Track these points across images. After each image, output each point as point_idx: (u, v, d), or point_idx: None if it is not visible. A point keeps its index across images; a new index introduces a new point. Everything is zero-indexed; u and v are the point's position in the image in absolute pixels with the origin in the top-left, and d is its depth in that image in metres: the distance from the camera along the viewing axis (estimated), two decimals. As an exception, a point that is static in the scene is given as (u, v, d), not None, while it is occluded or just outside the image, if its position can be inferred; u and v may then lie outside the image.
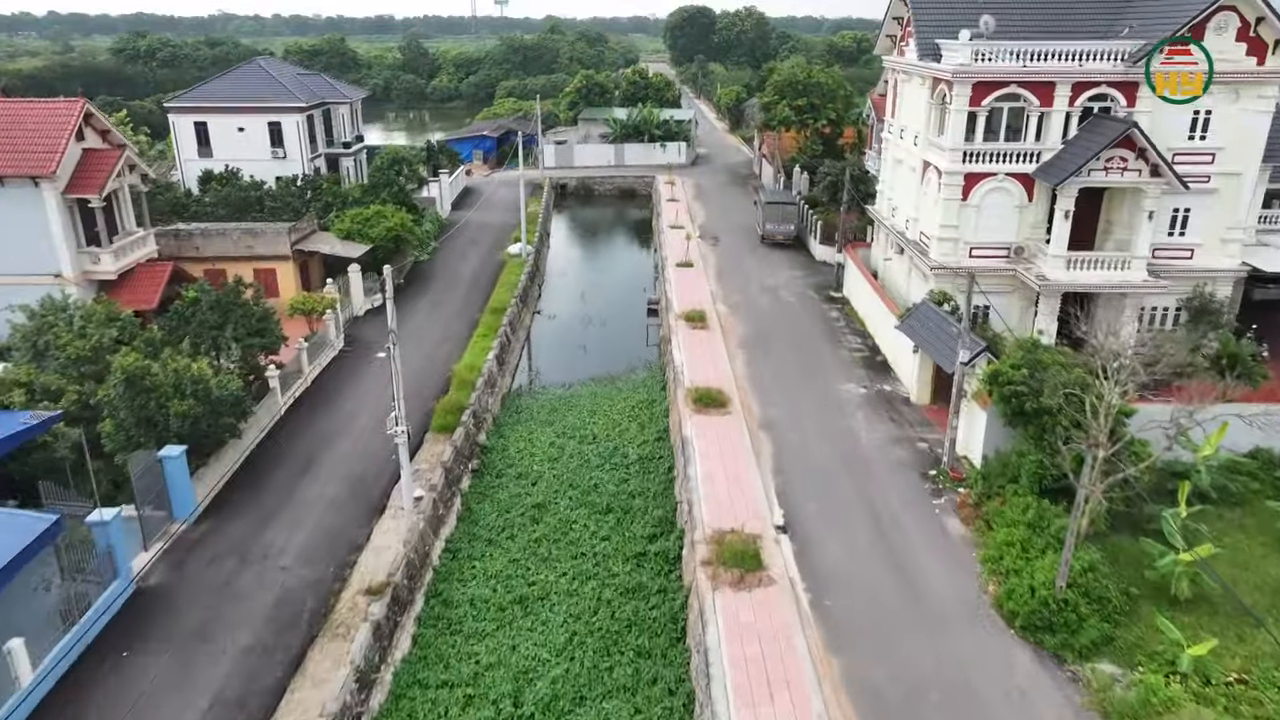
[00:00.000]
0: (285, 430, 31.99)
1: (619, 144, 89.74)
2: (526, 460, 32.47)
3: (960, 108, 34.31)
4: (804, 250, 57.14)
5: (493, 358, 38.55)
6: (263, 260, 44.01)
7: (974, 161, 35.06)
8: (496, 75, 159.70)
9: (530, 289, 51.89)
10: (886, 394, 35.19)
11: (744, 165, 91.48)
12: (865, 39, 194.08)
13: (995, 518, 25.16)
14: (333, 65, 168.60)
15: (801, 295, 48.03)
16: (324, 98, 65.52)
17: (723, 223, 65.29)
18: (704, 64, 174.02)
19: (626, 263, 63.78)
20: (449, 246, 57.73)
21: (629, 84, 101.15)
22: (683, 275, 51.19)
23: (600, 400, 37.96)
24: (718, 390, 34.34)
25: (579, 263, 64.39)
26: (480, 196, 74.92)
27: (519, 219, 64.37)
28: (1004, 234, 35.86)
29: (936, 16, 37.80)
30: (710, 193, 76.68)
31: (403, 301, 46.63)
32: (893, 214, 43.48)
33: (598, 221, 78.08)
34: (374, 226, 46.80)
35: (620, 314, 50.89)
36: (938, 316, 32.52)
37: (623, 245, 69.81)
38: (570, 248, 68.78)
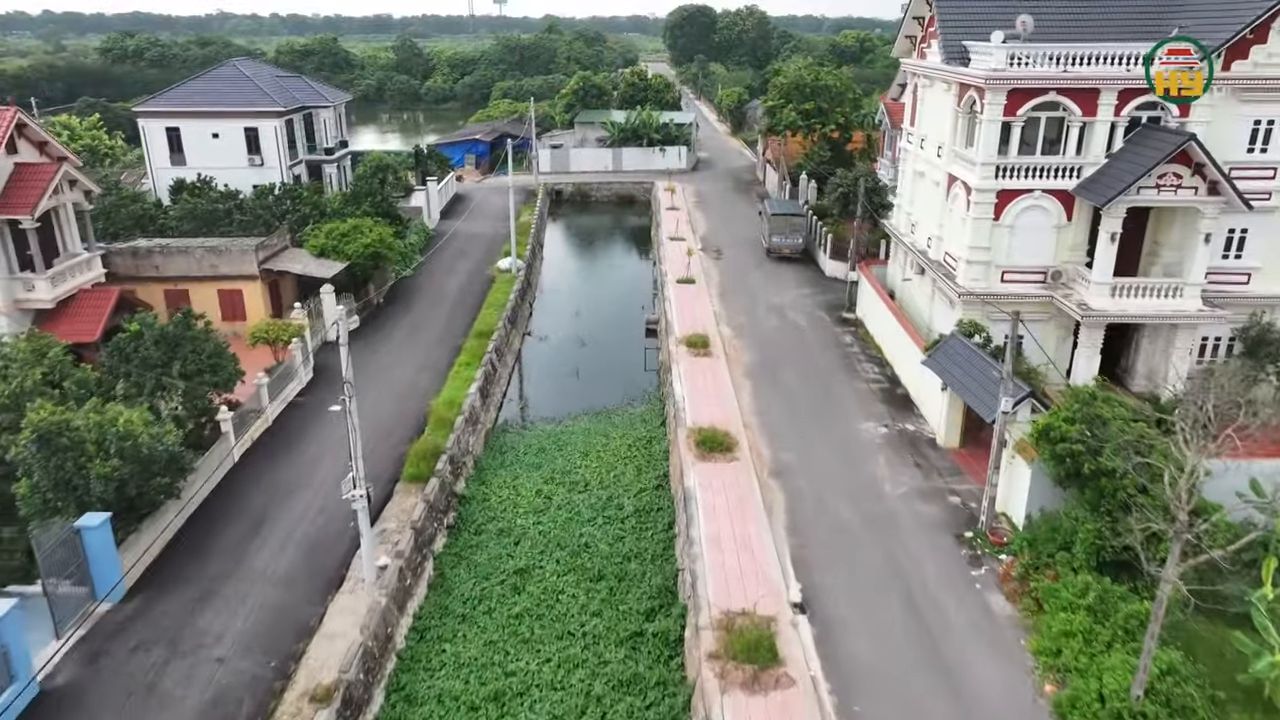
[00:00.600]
0: (238, 480, 28.51)
1: (617, 148, 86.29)
2: (510, 513, 28.99)
3: (993, 117, 30.84)
4: (813, 265, 53.67)
5: (475, 391, 35.07)
6: (228, 280, 40.56)
7: (1007, 177, 31.59)
8: (492, 76, 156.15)
9: (520, 308, 48.40)
10: (910, 435, 31.71)
11: (747, 170, 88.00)
12: (868, 39, 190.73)
13: (1047, 597, 21.69)
14: (325, 65, 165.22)
15: (811, 316, 44.54)
16: (304, 101, 62.01)
17: (725, 234, 61.82)
18: (704, 64, 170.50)
19: (624, 276, 60.27)
20: (435, 260, 54.24)
21: (627, 85, 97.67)
22: (683, 293, 47.72)
23: (594, 438, 34.47)
24: (723, 432, 30.87)
25: (574, 275, 60.87)
26: (471, 204, 71.43)
27: (518, 218, 61.10)
28: (1040, 257, 32.39)
29: (963, 16, 34.31)
30: (712, 200, 73.19)
31: (381, 324, 43.14)
32: (912, 230, 40.00)
33: (594, 229, 74.59)
34: (351, 242, 43.31)
35: (617, 335, 47.41)
36: (970, 353, 29.05)
37: (620, 256, 66.32)
38: (565, 259, 65.29)
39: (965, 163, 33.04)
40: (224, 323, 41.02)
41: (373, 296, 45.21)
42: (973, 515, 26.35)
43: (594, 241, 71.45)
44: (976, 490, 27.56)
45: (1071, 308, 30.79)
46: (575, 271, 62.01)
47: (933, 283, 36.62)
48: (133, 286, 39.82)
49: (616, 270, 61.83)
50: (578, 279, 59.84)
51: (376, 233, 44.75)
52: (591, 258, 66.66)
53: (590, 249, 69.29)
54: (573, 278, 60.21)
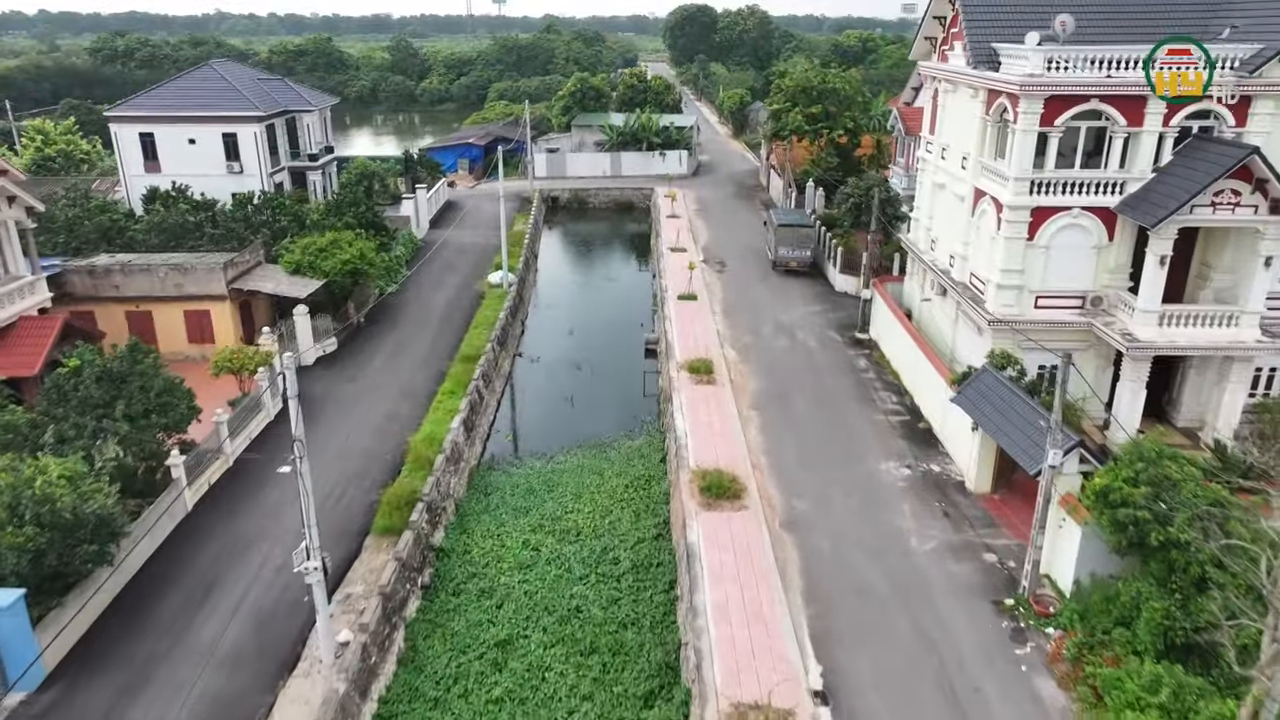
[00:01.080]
0: (189, 534, 25.57)
1: (615, 152, 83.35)
2: (493, 569, 26.04)
3: (1028, 127, 27.90)
4: (821, 279, 50.73)
5: (459, 425, 32.13)
6: (194, 300, 37.62)
7: (1043, 193, 28.66)
8: (489, 77, 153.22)
9: (511, 326, 45.44)
10: (935, 477, 28.77)
11: (749, 175, 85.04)
12: (871, 39, 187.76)
13: (1108, 687, 18.74)
14: (319, 66, 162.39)
15: (822, 337, 41.60)
16: (286, 105, 59.09)
17: (729, 244, 58.88)
18: (705, 65, 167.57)
19: (622, 288, 57.27)
20: (423, 273, 51.28)
21: (626, 87, 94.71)
22: (685, 310, 44.79)
23: (587, 476, 31.53)
24: (730, 475, 27.92)
25: (569, 288, 57.86)
26: (463, 212, 68.48)
27: (510, 228, 58.19)
28: (1078, 280, 29.45)
29: (992, 16, 31.36)
30: (714, 208, 70.24)
31: (360, 346, 40.16)
32: (932, 247, 37.05)
33: (591, 238, 71.63)
34: (328, 258, 40.34)
35: (614, 356, 44.45)
36: (1006, 391, 26.09)
37: (618, 267, 63.31)
38: (560, 270, 62.31)
39: (995, 177, 30.10)
40: (191, 345, 38.26)
41: (353, 316, 42.27)
42: (1011, 577, 23.43)
43: (591, 251, 68.52)
44: (1014, 547, 24.63)
45: (1114, 338, 27.84)
46: (571, 284, 59.02)
47: (956, 306, 33.68)
48: (91, 308, 37.01)
49: (614, 282, 58.84)
50: (573, 292, 56.85)
51: (357, 247, 41.78)
52: (588, 268, 63.70)
53: (587, 259, 66.34)
54: (568, 291, 57.23)
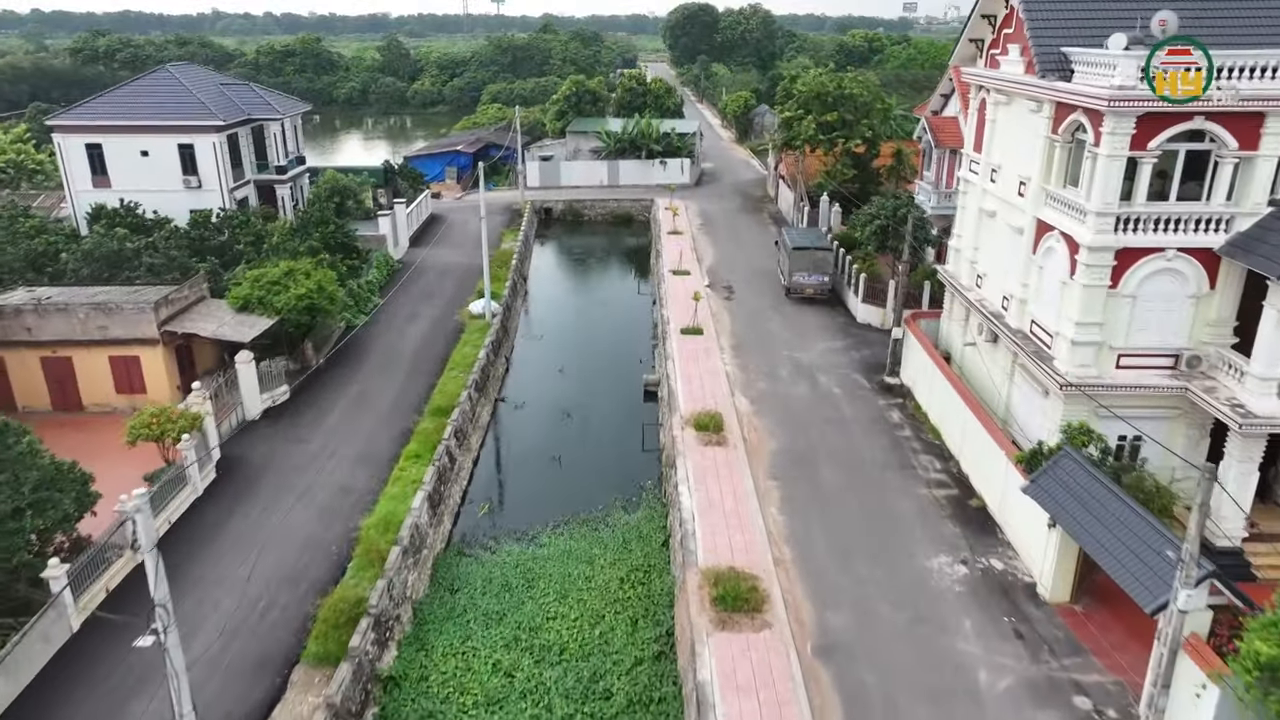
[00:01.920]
0: (66, 671, 20.37)
1: (612, 160, 78.15)
2: (454, 705, 20.82)
3: (1115, 151, 22.70)
4: (841, 308, 45.55)
5: (422, 501, 26.94)
6: (121, 345, 32.43)
7: (1131, 231, 23.49)
8: (483, 78, 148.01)
9: (492, 366, 40.20)
10: (999, 578, 23.59)
11: (756, 185, 79.82)
12: (876, 39, 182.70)
13: None
14: (308, 67, 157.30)
15: (846, 381, 36.38)
16: (251, 113, 53.89)
17: (736, 264, 53.69)
18: (707, 65, 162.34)
19: (619, 314, 51.92)
20: (398, 301, 46.08)
21: (624, 91, 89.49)
22: (689, 348, 39.60)
23: (575, 566, 26.32)
24: (748, 578, 22.74)
25: (561, 314, 52.55)
26: (447, 226, 63.28)
27: (492, 255, 53.08)
28: (1169, 335, 24.27)
29: (1062, 15, 26.16)
30: (719, 222, 65.04)
31: (317, 395, 34.90)
32: (978, 283, 31.85)
33: (587, 254, 66.39)
34: (281, 293, 35.12)
35: (609, 400, 39.23)
36: (1099, 488, 20.82)
37: (615, 288, 57.96)
38: (552, 293, 57.03)
39: (1067, 209, 24.90)
40: (119, 396, 33.09)
41: (311, 358, 37.04)
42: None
43: (586, 268, 63.28)
44: (1111, 687, 19.45)
45: (1220, 409, 22.64)
46: (563, 309, 53.69)
47: (1012, 358, 28.49)
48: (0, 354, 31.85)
49: (610, 308, 53.47)
50: (566, 319, 51.52)
51: (315, 279, 36.50)
52: (583, 290, 58.41)
53: (582, 278, 61.07)
54: (560, 317, 51.91)
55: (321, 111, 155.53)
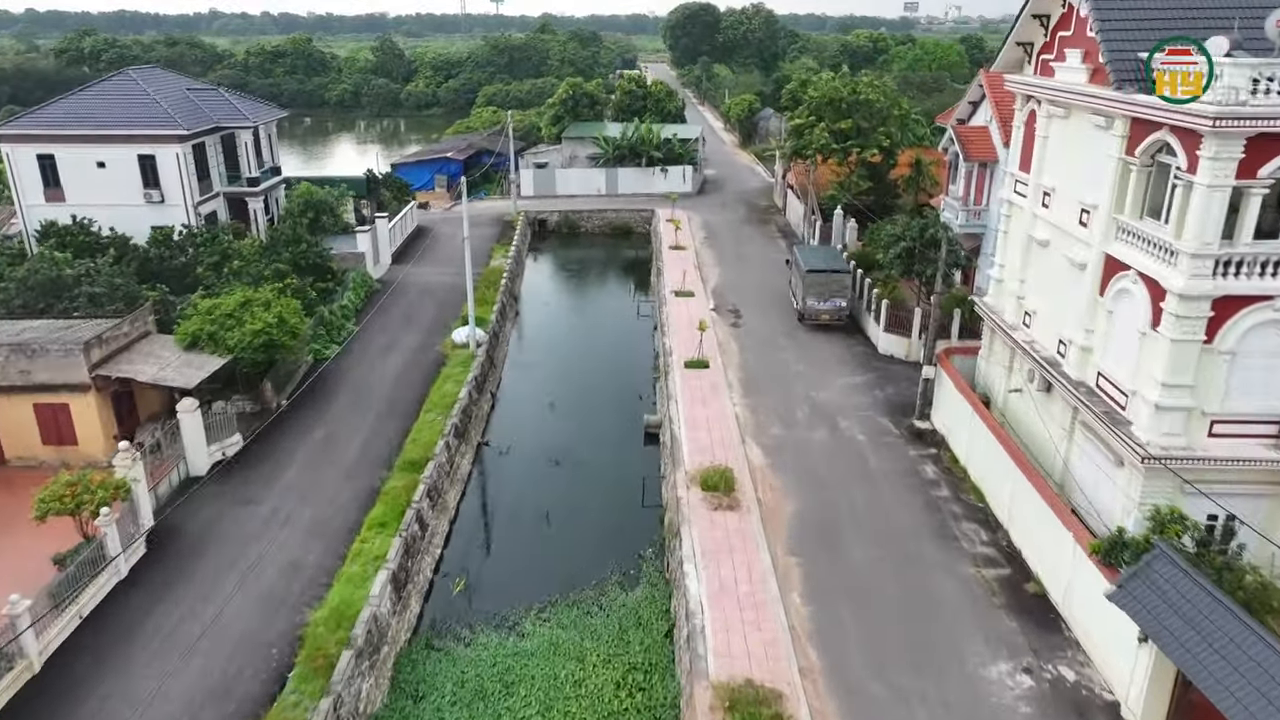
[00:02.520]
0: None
1: (611, 168, 74.17)
2: None
3: (1218, 180, 18.73)
4: (860, 336, 41.59)
5: (384, 585, 22.94)
6: (48, 392, 28.45)
7: (1233, 275, 19.52)
8: (478, 79, 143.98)
9: (475, 406, 36.18)
10: (1071, 691, 19.61)
11: (762, 193, 75.82)
12: (881, 39, 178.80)
13: None
14: (299, 68, 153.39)
15: (871, 426, 32.40)
16: (220, 121, 49.91)
17: (743, 284, 49.71)
18: (708, 66, 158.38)
19: (617, 338, 47.90)
20: (375, 327, 42.14)
21: (623, 94, 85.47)
22: (694, 384, 35.63)
23: (563, 666, 22.31)
24: (772, 700, 18.76)
25: (554, 338, 48.54)
26: (434, 240, 59.31)
27: (480, 274, 49.26)
28: (1274, 400, 20.34)
29: (1139, 16, 22.17)
30: (724, 235, 61.06)
31: (274, 445, 30.88)
32: (1026, 322, 27.88)
33: (583, 268, 62.44)
34: (234, 328, 31.16)
35: (605, 445, 35.20)
36: (1202, 596, 16.83)
37: (613, 308, 53.79)
38: (544, 315, 52.97)
39: (1148, 246, 20.92)
40: (46, 448, 29.10)
41: (271, 399, 33.05)
42: None
43: (583, 286, 59.28)
44: None
45: (1341, 492, 18.68)
46: (556, 332, 49.67)
47: (1072, 413, 24.49)
48: (-95, 404, 27.84)
49: (608, 332, 49.38)
50: (559, 343, 47.50)
51: (276, 310, 32.51)
52: (579, 310, 54.36)
53: (578, 297, 57.05)
54: (553, 341, 47.93)
55: (313, 114, 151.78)
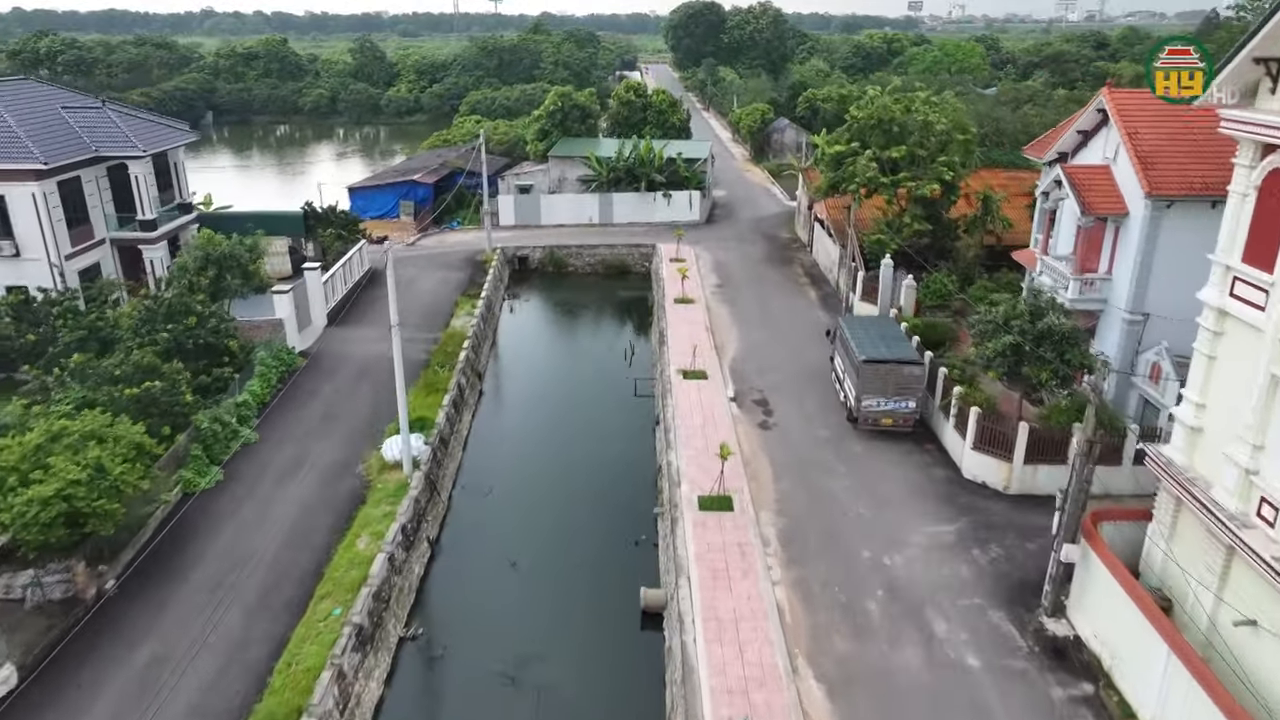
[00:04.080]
0: None
1: (605, 193, 63.44)
2: None
3: None
4: (930, 442, 30.86)
5: None
6: None
7: None
8: (466, 83, 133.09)
9: (401, 573, 25.29)
10: None
11: (780, 222, 65.01)
12: (896, 39, 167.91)
13: None
14: (271, 71, 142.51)
15: (983, 633, 21.54)
16: (101, 149, 39.24)
17: (771, 355, 38.92)
18: (713, 69, 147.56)
19: (608, 439, 36.54)
20: (280, 432, 31.48)
21: (621, 104, 74.60)
22: (713, 541, 24.89)
23: None
24: None
25: (525, 443, 36.69)
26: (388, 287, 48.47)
27: (435, 344, 38.88)
28: None
29: None
30: (740, 280, 50.29)
31: (75, 671, 20.03)
32: (1264, 512, 17.06)
33: (571, 320, 51.64)
34: (14, 490, 20.41)
35: (586, 638, 24.36)
36: None
37: (605, 384, 42.52)
38: (516, 397, 41.70)
39: None
40: None
41: (86, 583, 22.26)
42: None
43: (569, 347, 48.34)
44: None
45: None
46: (530, 431, 37.69)
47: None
48: None
49: (598, 425, 37.75)
50: (532, 451, 35.67)
51: (96, 455, 21.77)
52: (562, 387, 42.76)
53: (562, 364, 45.91)
54: (523, 447, 36.12)
55: (288, 121, 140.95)
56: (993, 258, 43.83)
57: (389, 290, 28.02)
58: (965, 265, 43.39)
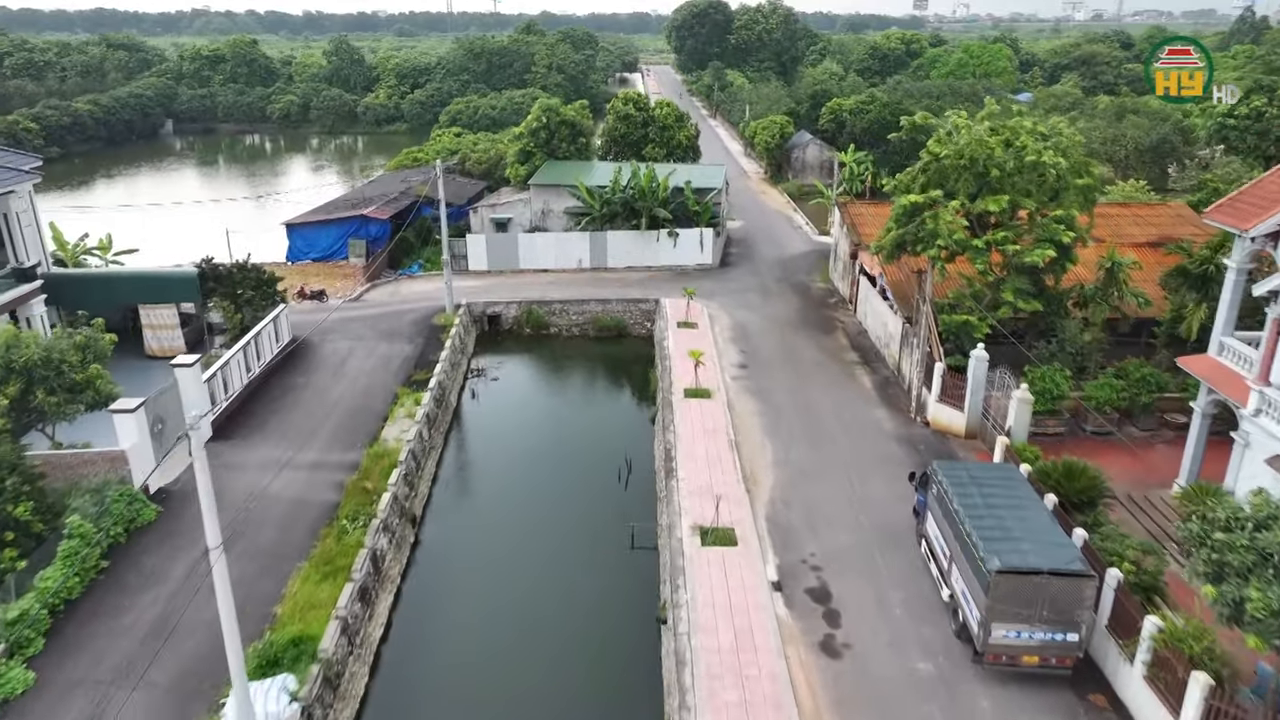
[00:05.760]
0: None
1: (598, 230, 52.05)
2: None
3: None
4: (1101, 692, 19.28)
5: None
6: None
7: None
8: (450, 89, 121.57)
9: None
10: None
11: (810, 263, 53.58)
12: (916, 39, 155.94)
13: None
14: (239, 76, 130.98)
15: None
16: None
17: (823, 491, 27.40)
18: (720, 72, 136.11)
19: (595, 645, 25.37)
20: (75, 661, 20.10)
21: (617, 119, 63.06)
22: None
23: None
24: None
25: (477, 650, 25.00)
26: (312, 370, 37.00)
27: (356, 471, 27.82)
28: None
29: None
30: (767, 355, 38.85)
31: None
32: None
33: (549, 413, 40.02)
34: None
35: None
36: None
37: (590, 532, 30.48)
38: (466, 553, 29.94)
39: None
40: None
41: None
42: None
43: (547, 462, 36.08)
44: None
45: None
46: (488, 618, 25.62)
47: None
48: None
49: (585, 612, 26.10)
50: (486, 668, 24.21)
51: None
52: (531, 538, 30.25)
53: (533, 493, 33.42)
54: (474, 658, 24.59)
55: (256, 130, 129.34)
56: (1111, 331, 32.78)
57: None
58: (1080, 351, 32.01)
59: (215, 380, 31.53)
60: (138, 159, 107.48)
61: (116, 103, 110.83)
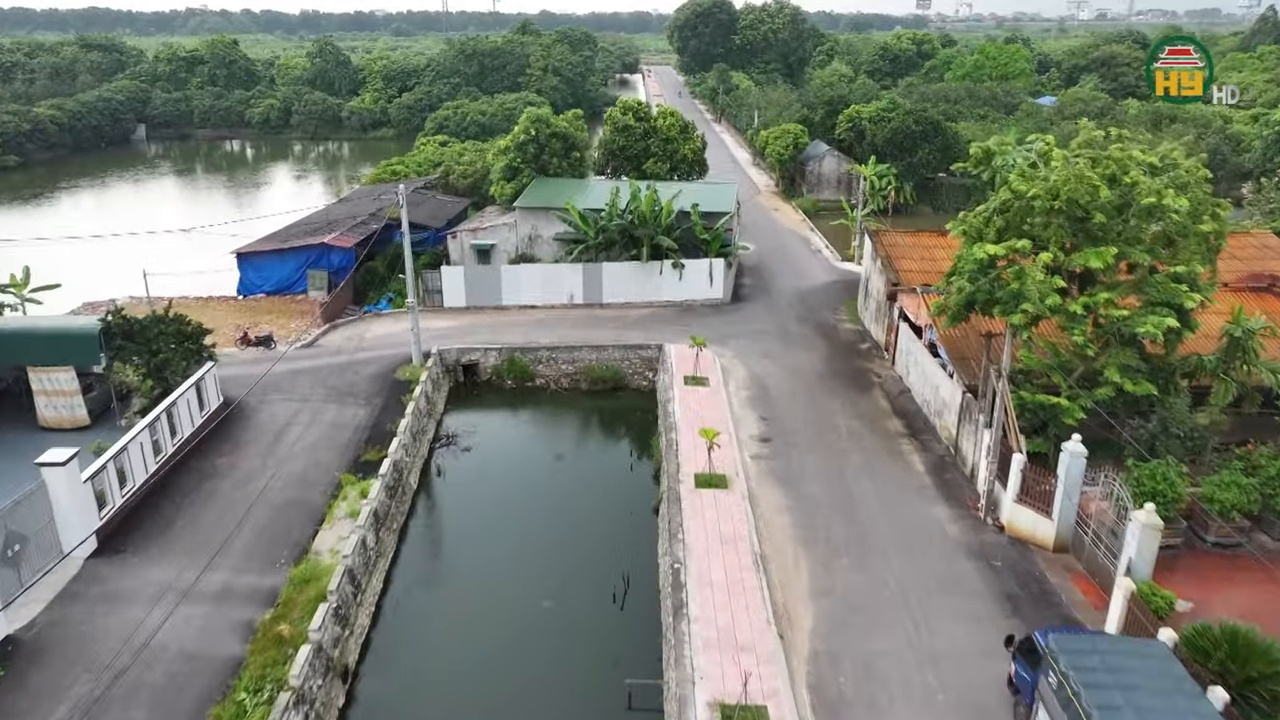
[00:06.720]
0: None
1: (592, 260, 45.43)
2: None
3: None
4: None
5: None
6: None
7: None
8: (440, 93, 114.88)
9: None
10: None
11: (832, 294, 46.95)
12: (927, 40, 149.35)
13: None
14: (218, 79, 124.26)
15: None
16: None
17: (882, 636, 20.63)
18: (725, 74, 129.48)
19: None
20: None
21: (615, 130, 56.35)
22: None
23: None
24: None
25: None
26: (247, 437, 30.30)
27: (270, 612, 21.25)
28: None
29: None
30: (796, 425, 32.13)
31: None
32: None
33: (529, 497, 33.19)
34: None
35: None
36: None
37: (583, 678, 24.65)
38: (442, 663, 23.81)
39: None
40: None
41: None
42: None
43: (524, 572, 29.44)
44: None
45: None
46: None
47: None
48: None
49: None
50: None
51: None
52: (501, 710, 24.78)
53: (507, 630, 26.96)
54: None
55: (234, 135, 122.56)
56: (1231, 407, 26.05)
57: None
58: (1190, 434, 25.38)
59: (106, 473, 24.89)
60: (105, 167, 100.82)
61: (83, 107, 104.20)
